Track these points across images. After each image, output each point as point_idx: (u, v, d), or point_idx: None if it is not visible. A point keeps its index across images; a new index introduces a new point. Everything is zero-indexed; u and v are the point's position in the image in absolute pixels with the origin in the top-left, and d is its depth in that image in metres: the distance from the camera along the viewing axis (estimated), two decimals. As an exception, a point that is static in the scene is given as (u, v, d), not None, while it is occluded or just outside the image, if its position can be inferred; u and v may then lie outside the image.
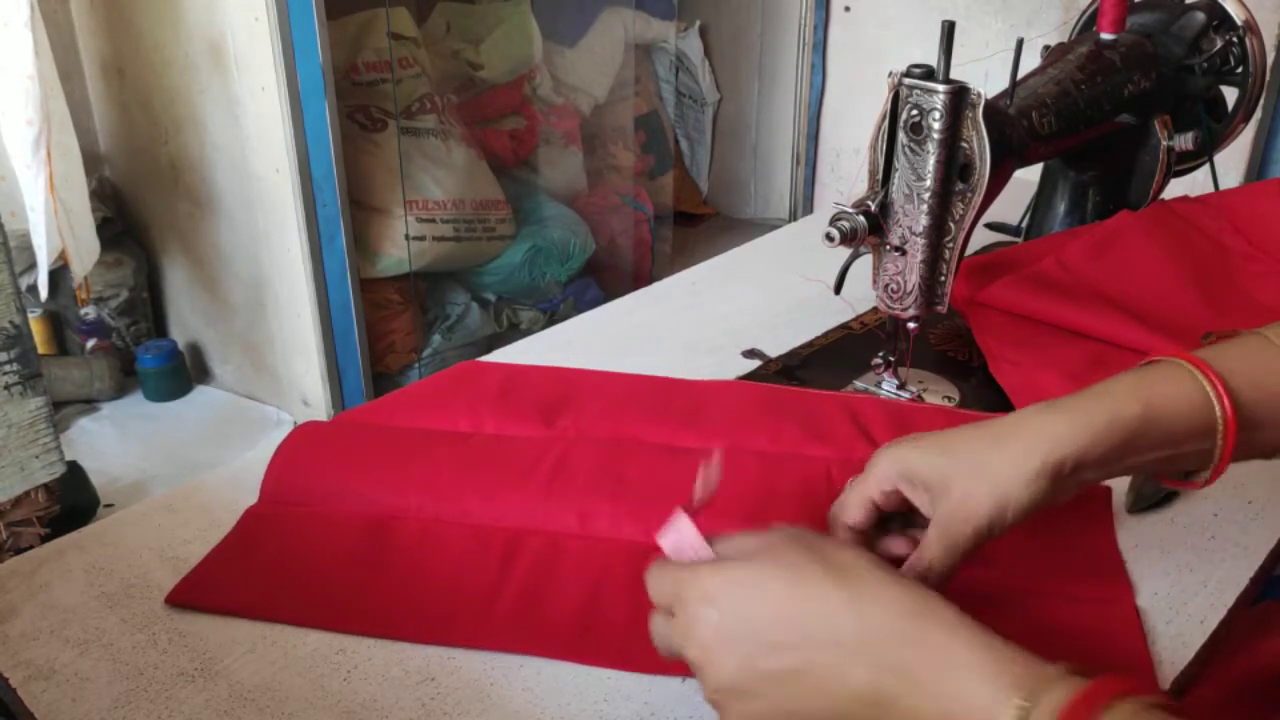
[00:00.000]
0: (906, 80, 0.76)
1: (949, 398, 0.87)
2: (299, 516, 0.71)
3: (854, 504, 0.58)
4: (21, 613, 0.63)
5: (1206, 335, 0.85)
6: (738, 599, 0.48)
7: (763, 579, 0.48)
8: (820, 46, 2.66)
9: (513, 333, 2.24)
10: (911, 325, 0.82)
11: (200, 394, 2.18)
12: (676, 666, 0.52)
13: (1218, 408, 0.55)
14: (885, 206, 0.79)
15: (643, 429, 0.80)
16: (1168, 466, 0.58)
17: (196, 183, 1.99)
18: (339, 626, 0.62)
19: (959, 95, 0.74)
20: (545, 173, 2.38)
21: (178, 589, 0.64)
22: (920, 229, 0.78)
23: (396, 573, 0.65)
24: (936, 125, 0.75)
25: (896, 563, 0.55)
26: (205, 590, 0.65)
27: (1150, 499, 0.71)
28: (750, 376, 0.91)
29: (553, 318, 2.29)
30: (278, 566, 0.66)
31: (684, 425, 0.80)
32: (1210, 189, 1.09)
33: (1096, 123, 0.94)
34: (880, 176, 0.79)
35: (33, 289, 1.80)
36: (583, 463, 0.74)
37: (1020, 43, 0.83)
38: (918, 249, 0.79)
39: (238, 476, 0.76)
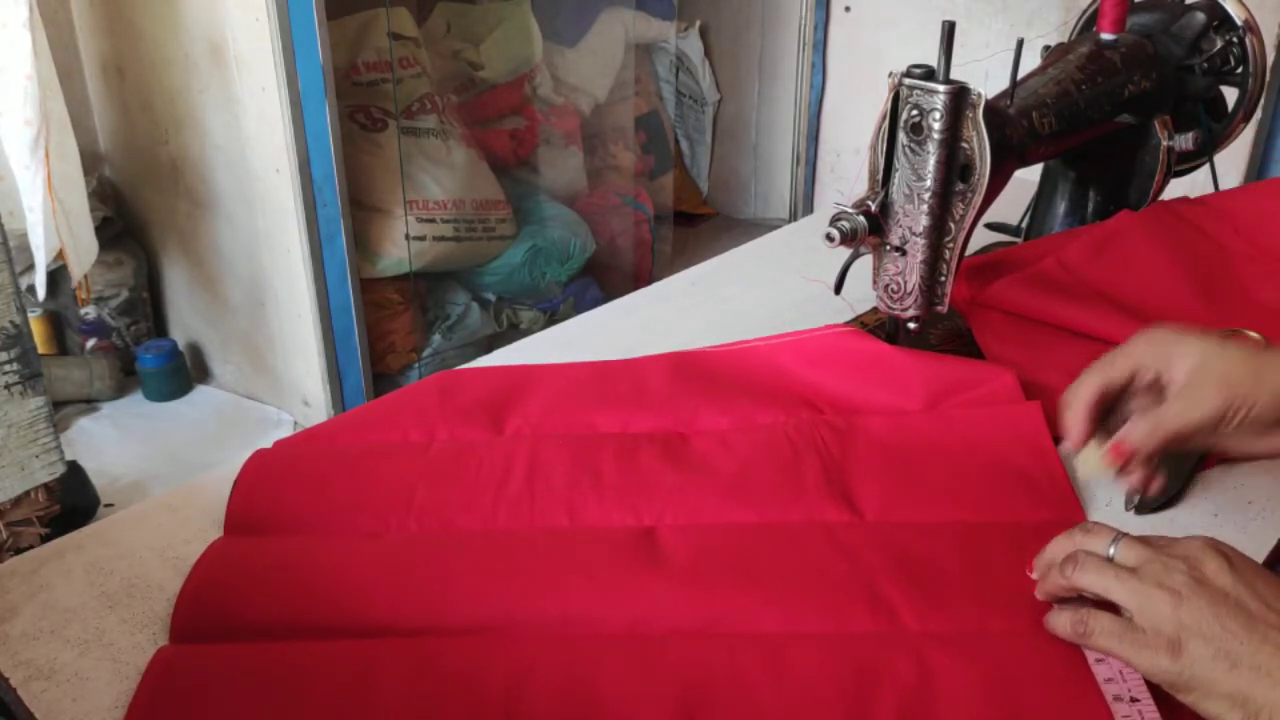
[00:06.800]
0: (906, 80, 0.76)
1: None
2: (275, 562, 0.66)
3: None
4: (21, 613, 0.63)
5: (1207, 335, 0.86)
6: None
7: None
8: (820, 46, 2.66)
9: (513, 333, 2.24)
10: (912, 326, 0.82)
11: (200, 394, 2.18)
12: None
13: None
14: (885, 206, 0.79)
15: (595, 418, 0.80)
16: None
17: (196, 183, 1.99)
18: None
19: (959, 95, 0.74)
20: (545, 173, 2.38)
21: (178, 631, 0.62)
22: (920, 229, 0.78)
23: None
24: (937, 125, 0.75)
25: None
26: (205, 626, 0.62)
27: (1152, 504, 0.71)
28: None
29: (553, 318, 2.29)
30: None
31: (635, 408, 0.81)
32: (1210, 189, 1.09)
33: (1097, 123, 0.94)
34: (880, 177, 0.79)
35: (31, 289, 1.80)
36: (556, 461, 0.74)
37: (1020, 43, 0.83)
38: (918, 249, 0.79)
39: (238, 476, 0.75)
